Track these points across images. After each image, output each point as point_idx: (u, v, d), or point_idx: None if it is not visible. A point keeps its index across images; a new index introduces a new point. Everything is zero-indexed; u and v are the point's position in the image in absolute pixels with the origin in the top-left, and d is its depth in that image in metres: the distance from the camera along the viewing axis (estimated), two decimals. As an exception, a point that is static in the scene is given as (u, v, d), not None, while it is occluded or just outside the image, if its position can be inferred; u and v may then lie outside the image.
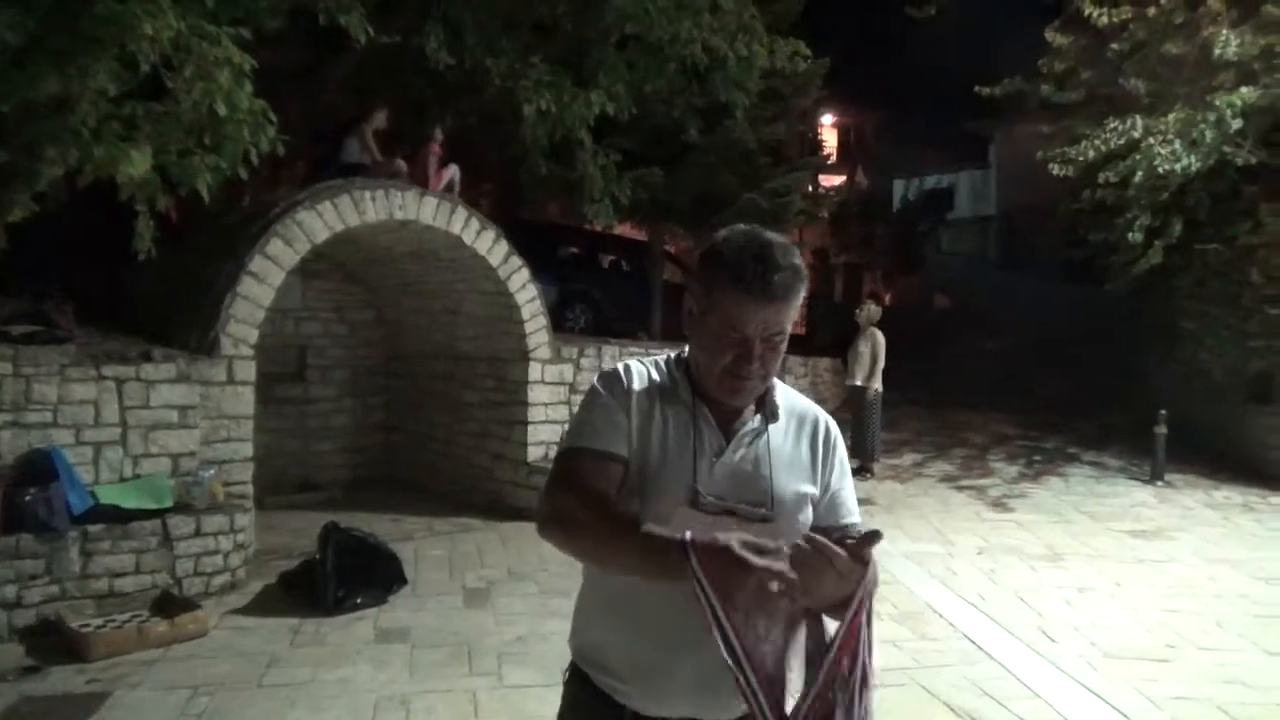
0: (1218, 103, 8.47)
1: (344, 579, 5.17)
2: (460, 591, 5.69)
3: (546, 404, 7.78)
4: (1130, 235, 9.60)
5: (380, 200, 6.86)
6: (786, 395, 1.65)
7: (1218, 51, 8.41)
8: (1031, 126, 12.86)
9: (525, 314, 7.67)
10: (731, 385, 1.51)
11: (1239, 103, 8.47)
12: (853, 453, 10.27)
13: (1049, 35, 10.02)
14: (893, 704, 4.09)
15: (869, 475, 9.75)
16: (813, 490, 1.60)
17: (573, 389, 7.94)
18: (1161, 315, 11.51)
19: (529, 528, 6.99)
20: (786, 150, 13.12)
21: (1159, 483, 9.27)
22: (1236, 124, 8.55)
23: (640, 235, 13.83)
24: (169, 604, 4.88)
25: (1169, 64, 9.36)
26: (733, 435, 1.56)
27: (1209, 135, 8.63)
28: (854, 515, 1.67)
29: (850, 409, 10.32)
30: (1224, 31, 8.50)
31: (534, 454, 7.62)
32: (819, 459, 1.64)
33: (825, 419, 1.68)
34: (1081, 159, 9.41)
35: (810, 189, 17.69)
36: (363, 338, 9.34)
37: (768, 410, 1.60)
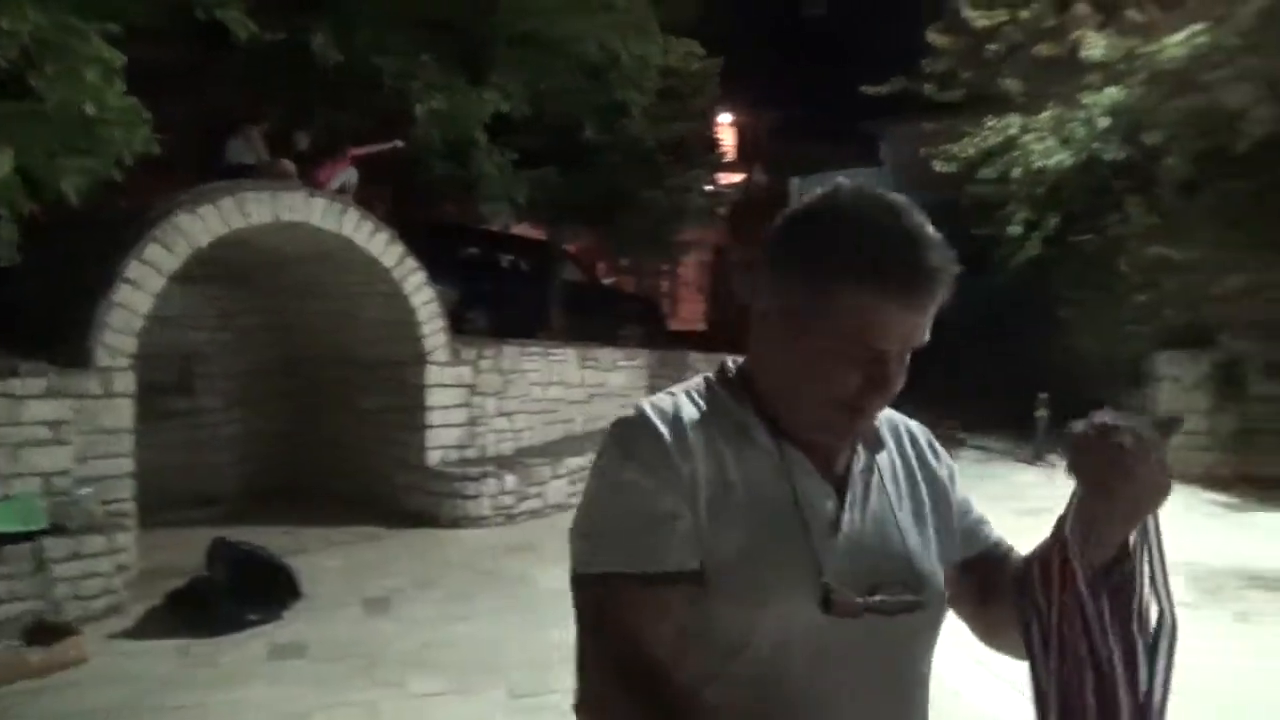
0: (1087, 102, 8.93)
1: (235, 595, 4.99)
2: (360, 602, 5.55)
3: (446, 407, 7.67)
4: (1010, 228, 10.04)
5: (266, 202, 6.64)
6: (887, 413, 1.15)
7: (1086, 54, 8.87)
8: (918, 125, 13.32)
9: (422, 316, 7.54)
10: (845, 422, 1.00)
11: (1106, 102, 8.95)
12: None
13: (931, 37, 10.39)
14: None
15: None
16: (951, 534, 1.13)
17: (473, 390, 7.85)
18: (1043, 304, 12.07)
19: (432, 534, 6.91)
20: (686, 149, 13.24)
21: (1040, 463, 9.72)
22: (1104, 122, 9.03)
23: (540, 235, 13.77)
24: (44, 631, 4.62)
25: (1042, 65, 9.82)
26: (841, 484, 1.04)
27: (1080, 133, 9.10)
28: (996, 533, 1.22)
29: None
30: (1091, 35, 8.97)
31: (434, 458, 7.51)
32: (943, 483, 1.15)
33: (928, 434, 1.20)
34: (963, 156, 9.80)
35: (709, 187, 17.93)
36: (254, 344, 9.00)
37: (868, 438, 1.08)
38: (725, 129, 27.42)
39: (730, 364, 1.10)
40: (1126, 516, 0.92)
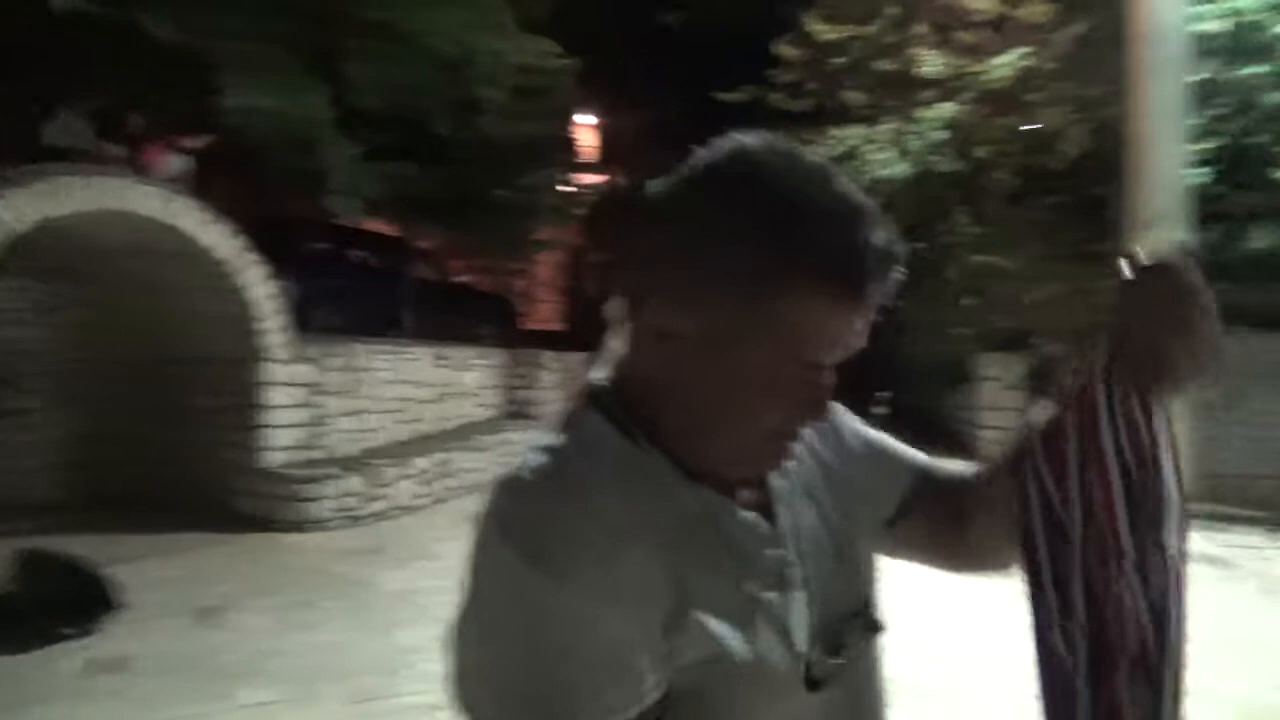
0: (922, 116, 9.45)
1: (43, 608, 4.64)
2: (190, 611, 5.26)
3: (286, 406, 7.38)
4: (852, 236, 10.51)
5: (85, 188, 6.21)
6: None
7: (922, 71, 9.39)
8: (770, 132, 13.75)
9: (261, 312, 7.23)
10: (777, 454, 0.81)
11: (940, 117, 9.50)
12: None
13: (779, 48, 10.75)
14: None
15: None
16: (886, 513, 0.97)
17: (317, 389, 7.58)
18: (880, 308, 12.68)
19: (270, 538, 6.64)
20: (543, 148, 13.21)
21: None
22: (938, 136, 9.58)
23: (392, 231, 13.43)
24: None
25: (883, 80, 10.33)
26: (770, 516, 0.84)
27: (916, 146, 9.62)
28: (918, 454, 1.04)
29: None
30: (927, 53, 9.50)
31: (273, 459, 7.21)
32: (845, 450, 0.96)
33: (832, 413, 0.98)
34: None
35: (568, 187, 17.94)
36: (79, 340, 8.40)
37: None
38: (587, 130, 27.52)
39: (599, 386, 0.83)
40: (1176, 377, 0.77)
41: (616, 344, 0.83)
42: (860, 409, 1.03)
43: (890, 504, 0.98)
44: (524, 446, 0.80)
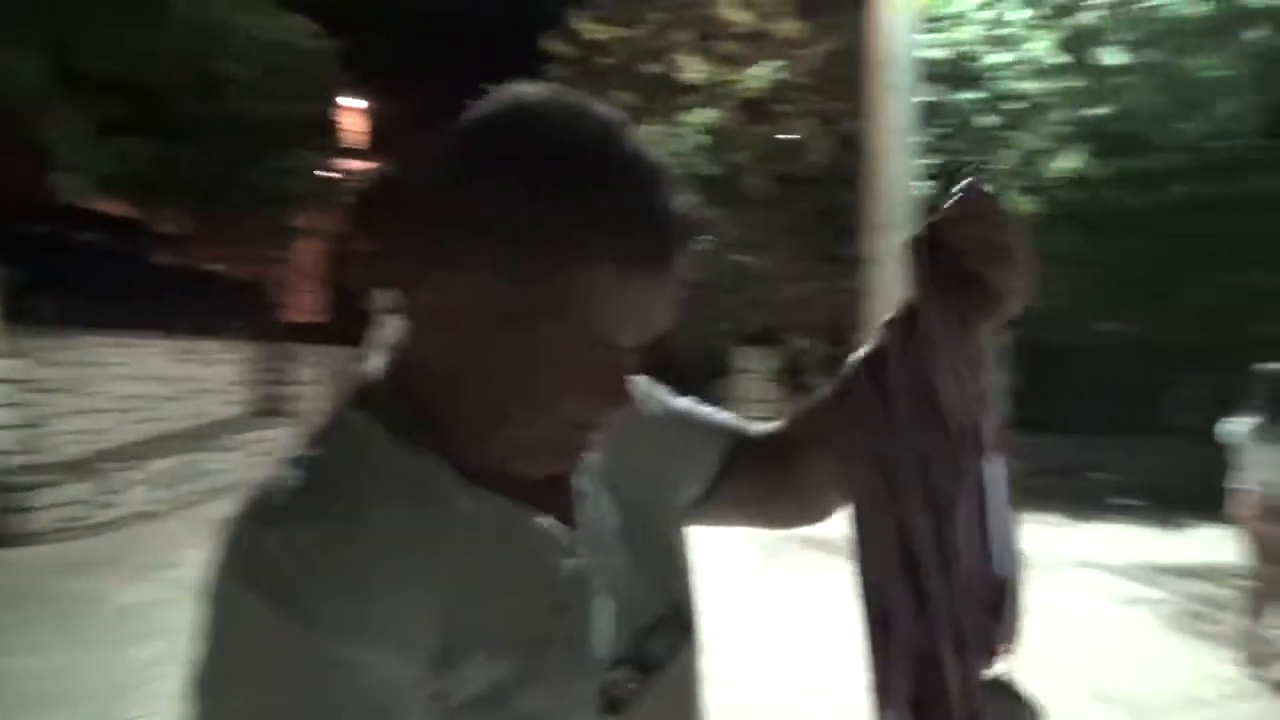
0: (684, 120, 9.84)
1: None
2: None
3: (-2, 406, 6.56)
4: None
5: None
6: None
7: (684, 76, 9.77)
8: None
9: (-35, 300, 6.39)
10: (577, 447, 0.71)
11: (701, 122, 9.93)
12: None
13: (547, 45, 10.81)
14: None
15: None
16: (697, 491, 0.90)
17: (34, 387, 6.79)
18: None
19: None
20: (302, 131, 12.52)
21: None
22: (699, 140, 10.00)
23: (129, 213, 12.26)
24: None
25: (647, 82, 10.65)
26: (569, 519, 0.74)
27: (679, 148, 9.99)
28: (725, 416, 0.96)
29: (370, 398, 10.23)
30: (688, 59, 9.90)
31: (-20, 465, 6.39)
32: (648, 432, 0.85)
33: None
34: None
35: (333, 173, 17.14)
36: None
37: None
38: (353, 113, 26.41)
39: (369, 383, 0.72)
40: (999, 302, 0.75)
41: (390, 334, 0.72)
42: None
43: (702, 479, 0.89)
44: (275, 458, 0.68)
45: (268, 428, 9.29)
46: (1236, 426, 4.68)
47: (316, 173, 13.40)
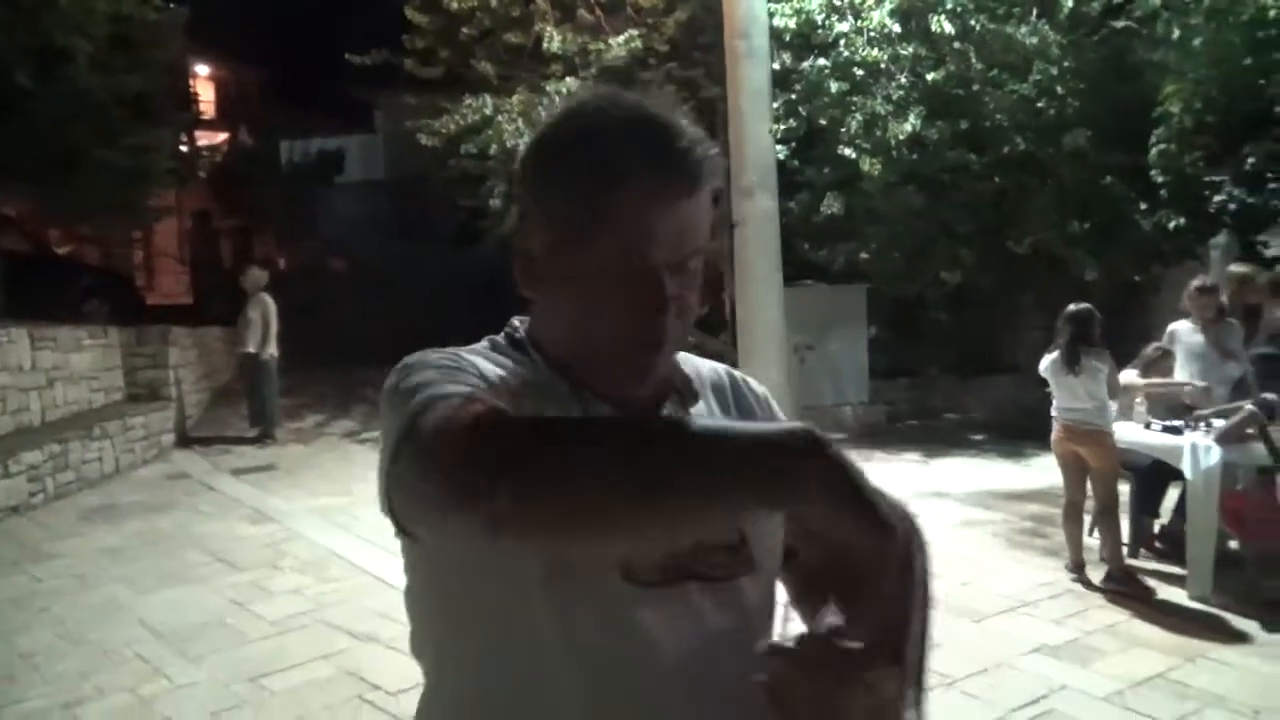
0: (550, 90, 9.98)
1: None
2: None
3: None
4: (491, 201, 10.88)
5: None
6: (684, 361, 1.03)
7: (546, 45, 9.90)
8: (406, 97, 13.64)
9: None
10: (642, 359, 0.88)
11: (564, 90, 10.08)
12: (251, 420, 10.19)
13: (409, 14, 10.73)
14: (298, 644, 4.35)
15: (270, 441, 9.69)
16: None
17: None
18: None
19: None
20: (153, 104, 12.03)
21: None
22: (563, 109, 10.17)
23: (-33, 196, 11.59)
24: None
25: (512, 51, 10.72)
26: None
27: (544, 117, 10.13)
28: None
29: (244, 377, 10.09)
30: (549, 29, 10.02)
31: None
32: None
33: (738, 374, 1.11)
34: (445, 131, 10.37)
35: (185, 147, 16.46)
36: None
37: (680, 388, 0.98)
38: (203, 82, 25.26)
39: (517, 323, 0.98)
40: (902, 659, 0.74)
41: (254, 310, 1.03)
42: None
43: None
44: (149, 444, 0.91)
45: (141, 414, 9.08)
46: (1045, 361, 5.29)
47: (169, 147, 12.91)
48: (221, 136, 23.99)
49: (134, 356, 9.82)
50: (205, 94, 25.30)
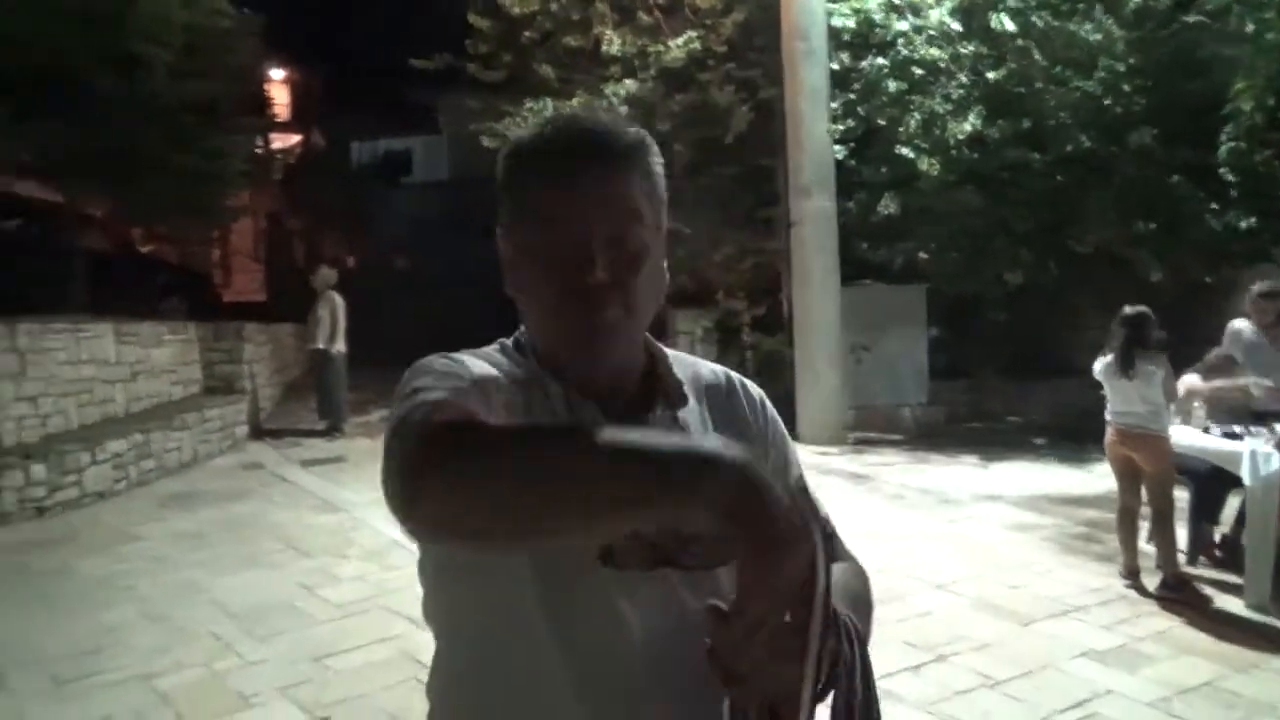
0: (608, 91, 10.13)
1: None
2: None
3: (-55, 395, 6.71)
4: (550, 203, 11.08)
5: None
6: (680, 363, 1.09)
7: (605, 48, 10.06)
8: (469, 99, 13.93)
9: (-95, 293, 6.49)
10: (584, 330, 0.93)
11: (623, 92, 10.24)
12: (320, 414, 10.53)
13: (472, 19, 10.98)
14: (360, 628, 4.56)
15: (338, 434, 10.01)
16: None
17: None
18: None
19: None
20: (226, 109, 12.50)
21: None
22: (622, 110, 10.30)
23: (55, 197, 12.16)
24: None
25: (571, 54, 10.90)
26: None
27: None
28: (820, 507, 1.07)
29: (314, 372, 10.44)
30: (609, 32, 10.17)
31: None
32: (755, 438, 1.08)
33: (736, 377, 1.15)
34: (506, 134, 10.59)
35: (259, 150, 16.99)
36: None
37: (668, 391, 1.04)
38: (278, 87, 26.00)
39: (523, 325, 1.06)
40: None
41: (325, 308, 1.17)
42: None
43: None
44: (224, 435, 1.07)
45: (217, 406, 9.49)
46: (1099, 364, 5.25)
47: (247, 151, 13.38)
48: (294, 139, 24.66)
49: (211, 351, 10.26)
50: (280, 97, 26.06)
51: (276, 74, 25.84)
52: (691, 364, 1.11)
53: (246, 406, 10.23)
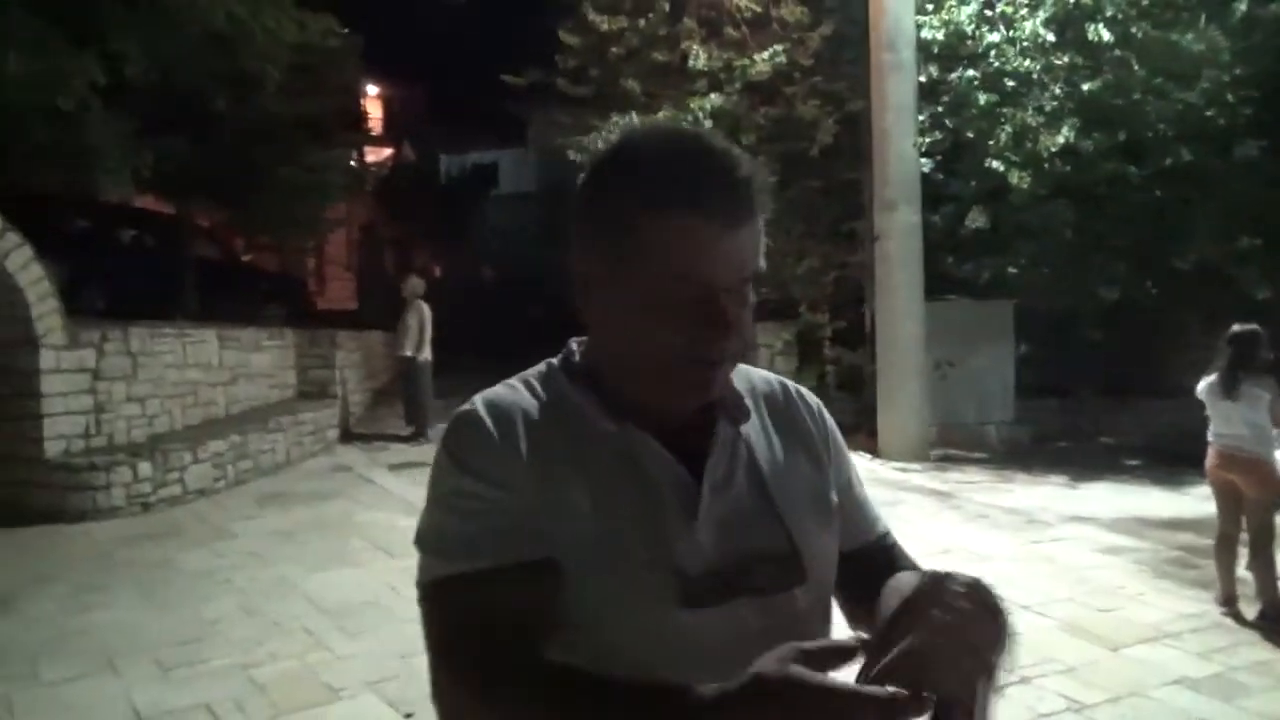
0: (693, 105, 10.21)
1: None
2: (-26, 604, 5.16)
3: (65, 394, 7.10)
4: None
5: None
6: (736, 373, 1.02)
7: (691, 63, 10.14)
8: (557, 113, 14.18)
9: (31, 296, 6.92)
10: (697, 379, 0.91)
11: (709, 106, 10.30)
12: (407, 419, 10.81)
13: (562, 35, 11.20)
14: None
15: (424, 440, 10.27)
16: (832, 501, 1.03)
17: (97, 375, 7.35)
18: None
19: (57, 530, 6.51)
20: (327, 124, 13.02)
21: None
22: (707, 124, 10.36)
23: (167, 209, 12.84)
24: None
25: (658, 69, 11.02)
26: (698, 463, 0.94)
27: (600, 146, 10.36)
28: (882, 520, 1.12)
29: (401, 379, 10.74)
30: (695, 46, 10.26)
31: (53, 449, 6.94)
32: (819, 448, 1.06)
33: (791, 385, 1.11)
34: (592, 148, 10.75)
35: (355, 162, 17.62)
36: None
37: (731, 405, 0.99)
38: (372, 101, 26.87)
39: (575, 345, 1.01)
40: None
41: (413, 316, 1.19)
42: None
43: (839, 536, 1.03)
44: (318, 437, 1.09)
45: (310, 410, 9.85)
46: (1202, 384, 5.07)
47: (343, 164, 13.88)
48: (386, 152, 25.46)
49: (305, 357, 10.66)
50: (373, 111, 26.93)
51: (371, 89, 26.74)
52: (745, 373, 1.06)
53: (338, 411, 10.60)
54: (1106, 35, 8.67)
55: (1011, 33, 9.08)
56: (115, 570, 5.73)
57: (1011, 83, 9.18)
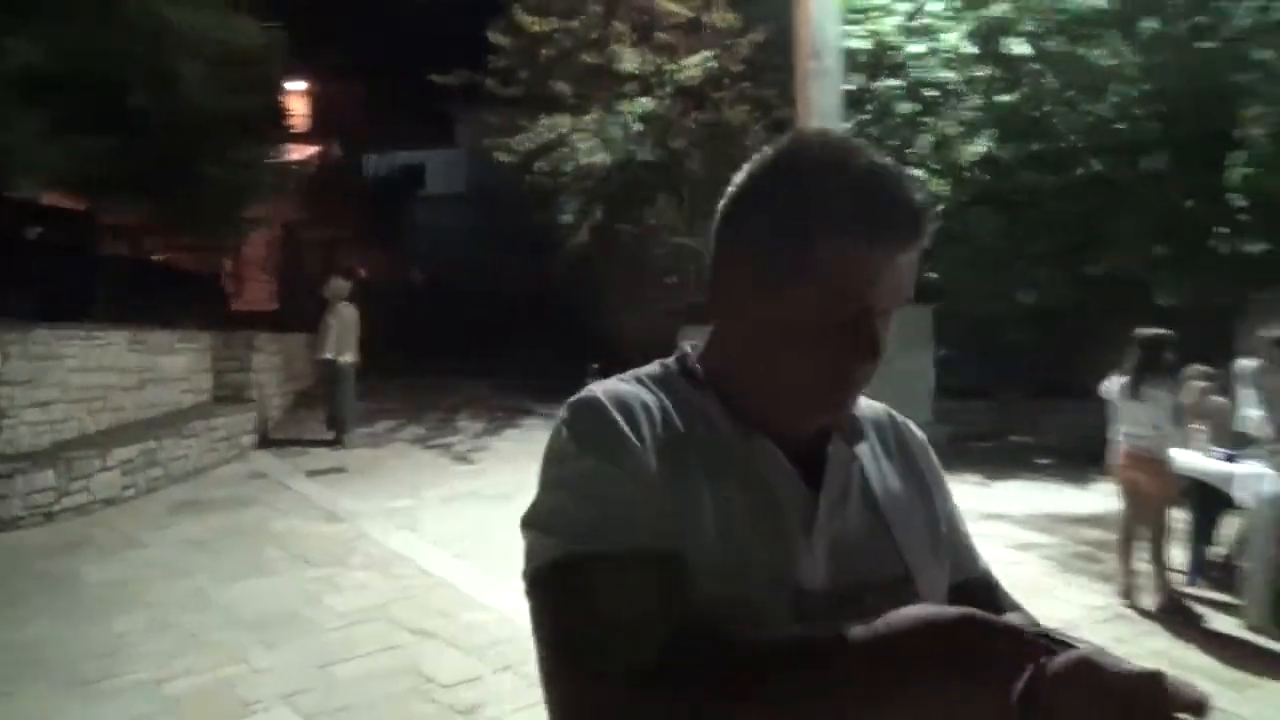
0: (623, 108, 10.24)
1: None
2: None
3: (-40, 399, 6.79)
4: (563, 217, 11.18)
5: None
6: None
7: (618, 66, 10.17)
8: (486, 114, 14.06)
9: (-75, 297, 6.59)
10: (836, 399, 0.90)
11: (639, 110, 10.34)
12: (328, 424, 10.59)
13: (491, 36, 11.12)
14: (363, 637, 4.60)
15: (341, 445, 10.08)
16: (941, 532, 1.02)
17: (-2, 380, 7.02)
18: (591, 284, 13.47)
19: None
20: (253, 120, 12.65)
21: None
22: (638, 127, 10.41)
23: (75, 206, 12.33)
24: None
25: (588, 72, 11.02)
26: (817, 478, 0.93)
27: (618, 135, 10.39)
28: (983, 559, 1.09)
29: (322, 382, 10.53)
30: (623, 49, 10.29)
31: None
32: (926, 478, 1.05)
33: (898, 415, 1.11)
34: (521, 149, 10.70)
35: (280, 159, 17.17)
36: None
37: (846, 424, 0.99)
38: (298, 97, 26.24)
39: (689, 348, 0.99)
40: None
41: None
42: (575, 377, 1.25)
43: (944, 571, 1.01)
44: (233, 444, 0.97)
45: (226, 414, 9.56)
46: (1109, 385, 5.25)
47: (265, 161, 13.52)
48: (311, 150, 24.89)
49: (221, 360, 10.35)
50: (297, 109, 26.31)
51: (295, 86, 26.12)
52: (863, 403, 1.05)
53: (255, 416, 10.31)
54: (1023, 49, 8.96)
55: (933, 44, 9.31)
56: (21, 584, 5.47)
57: (932, 93, 9.41)
